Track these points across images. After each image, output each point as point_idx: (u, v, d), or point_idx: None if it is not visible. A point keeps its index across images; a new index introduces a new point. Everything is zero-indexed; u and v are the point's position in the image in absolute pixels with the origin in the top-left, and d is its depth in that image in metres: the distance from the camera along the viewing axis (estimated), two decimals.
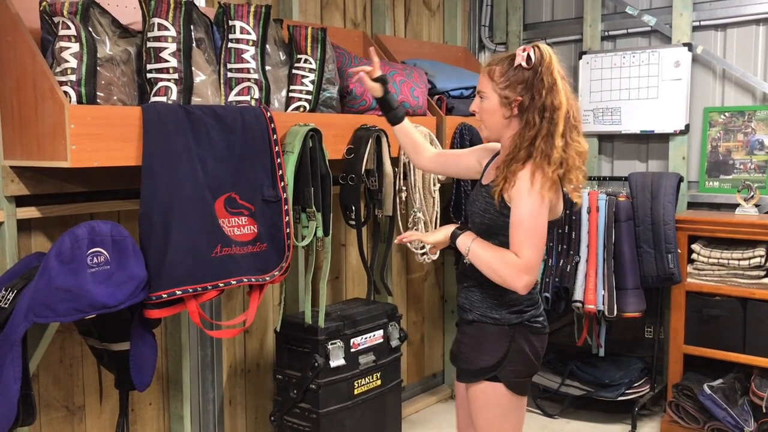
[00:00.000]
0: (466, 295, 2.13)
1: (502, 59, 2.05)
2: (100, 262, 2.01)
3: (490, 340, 2.07)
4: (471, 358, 2.10)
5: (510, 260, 1.94)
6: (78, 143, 1.98)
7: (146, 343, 2.23)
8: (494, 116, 2.05)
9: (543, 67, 1.97)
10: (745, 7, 3.60)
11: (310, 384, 2.82)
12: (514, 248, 1.94)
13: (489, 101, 2.05)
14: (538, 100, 1.96)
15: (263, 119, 2.41)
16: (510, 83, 2.00)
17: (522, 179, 1.94)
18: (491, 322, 2.07)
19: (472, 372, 2.09)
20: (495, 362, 2.04)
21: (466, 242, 2.03)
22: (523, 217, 1.93)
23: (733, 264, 3.34)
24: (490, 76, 2.04)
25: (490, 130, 2.10)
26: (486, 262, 1.99)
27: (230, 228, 2.30)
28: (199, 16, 2.37)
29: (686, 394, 3.41)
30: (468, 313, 2.13)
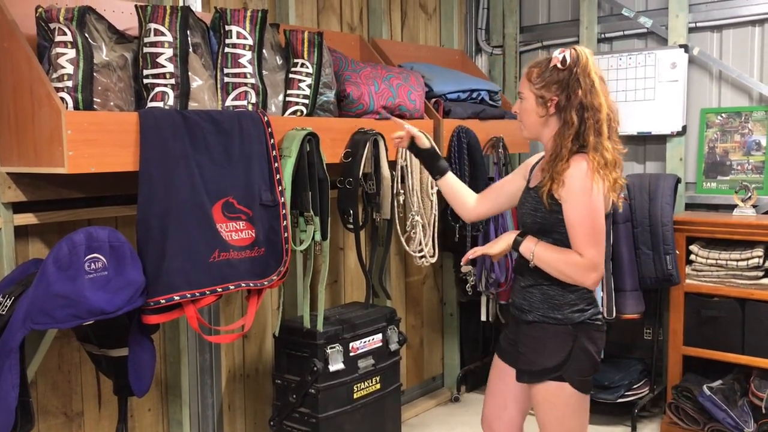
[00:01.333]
0: (524, 295, 2.17)
1: (540, 62, 2.13)
2: (97, 268, 2.00)
3: (552, 340, 2.10)
4: (534, 359, 2.12)
5: (575, 260, 2.01)
6: (75, 149, 1.98)
7: (145, 348, 2.23)
8: (531, 115, 2.13)
9: (579, 68, 2.04)
10: (740, 8, 3.61)
11: (309, 388, 2.81)
12: (577, 247, 2.01)
13: (527, 101, 2.13)
14: (575, 99, 2.02)
15: (260, 124, 2.41)
16: (545, 83, 2.07)
17: (574, 178, 1.99)
18: (553, 322, 2.10)
19: (536, 373, 2.11)
20: (559, 362, 2.07)
21: (530, 247, 2.09)
22: (581, 216, 2.00)
23: (732, 265, 3.34)
24: (528, 77, 2.12)
25: (528, 129, 2.18)
26: (552, 265, 2.06)
27: (228, 233, 2.29)
28: (195, 22, 2.37)
29: (686, 396, 3.41)
30: (527, 314, 2.15)
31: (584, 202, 1.99)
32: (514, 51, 4.36)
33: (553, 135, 2.10)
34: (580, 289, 2.10)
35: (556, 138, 2.07)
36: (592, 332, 2.11)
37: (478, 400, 4.09)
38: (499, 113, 3.70)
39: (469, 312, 4.14)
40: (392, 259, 3.83)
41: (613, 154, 2.04)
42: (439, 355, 4.25)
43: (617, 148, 2.07)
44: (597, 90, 2.04)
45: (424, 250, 3.11)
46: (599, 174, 1.99)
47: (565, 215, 2.03)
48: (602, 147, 2.01)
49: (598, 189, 1.99)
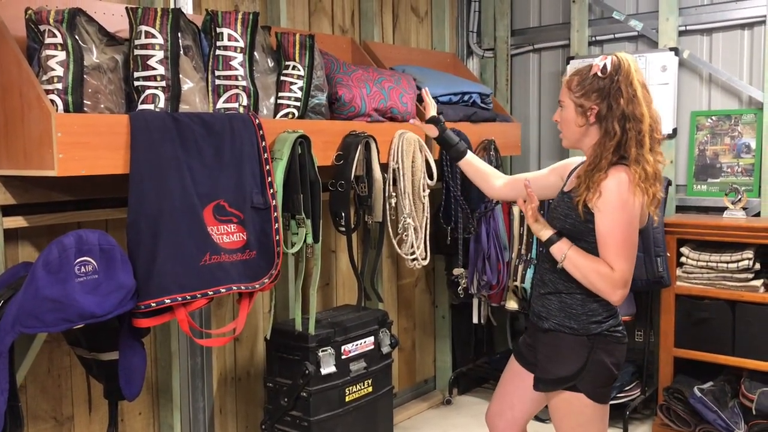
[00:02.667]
0: (543, 302, 2.16)
1: (581, 69, 2.10)
2: (87, 272, 1.99)
3: (567, 349, 2.08)
4: (549, 367, 2.12)
5: (606, 272, 1.99)
6: (65, 152, 1.97)
7: (135, 352, 2.21)
8: (571, 124, 2.11)
9: (620, 76, 2.00)
10: (730, 12, 3.63)
11: (301, 392, 2.80)
12: (608, 260, 1.99)
13: (566, 110, 2.11)
14: (617, 108, 1.99)
15: (252, 126, 2.41)
16: (585, 92, 2.05)
17: (611, 190, 1.97)
18: (569, 332, 2.09)
19: (550, 381, 2.11)
20: (574, 372, 2.06)
21: (563, 249, 2.06)
22: (615, 229, 1.97)
23: (722, 267, 3.35)
24: (568, 86, 2.10)
25: (567, 139, 2.16)
26: (582, 271, 2.03)
27: (219, 236, 2.29)
28: (186, 24, 2.37)
29: (677, 397, 3.42)
30: (544, 321, 2.15)
31: (620, 214, 1.97)
32: (505, 54, 4.37)
33: (592, 144, 2.07)
34: (599, 299, 2.08)
35: (597, 148, 2.04)
36: (611, 344, 2.09)
37: (471, 403, 4.09)
38: (490, 116, 3.71)
39: (461, 314, 4.15)
40: (384, 262, 3.83)
41: (654, 166, 2.00)
42: (431, 358, 4.25)
43: (659, 160, 2.03)
44: (639, 99, 2.00)
45: (416, 253, 3.11)
46: (640, 187, 1.97)
47: (597, 225, 2.01)
48: (644, 159, 1.97)
49: (635, 202, 1.98)
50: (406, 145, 3.04)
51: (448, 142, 2.57)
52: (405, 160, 3.04)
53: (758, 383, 3.27)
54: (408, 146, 3.04)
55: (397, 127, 3.08)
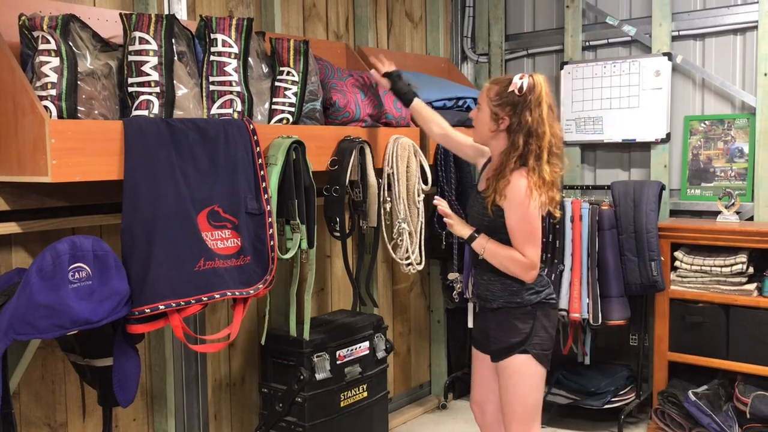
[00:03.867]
0: (487, 287, 2.48)
1: (501, 80, 2.42)
2: (81, 278, 1.99)
3: (516, 320, 2.42)
4: (501, 337, 2.43)
5: (518, 259, 2.36)
6: (59, 158, 1.97)
7: (129, 358, 2.21)
8: (483, 127, 2.44)
9: (533, 96, 2.33)
10: (722, 18, 3.65)
11: (296, 397, 2.81)
12: (518, 248, 2.36)
13: (482, 113, 2.44)
14: (524, 124, 2.32)
15: (246, 132, 2.41)
16: (501, 103, 2.37)
17: (514, 192, 2.32)
18: (515, 306, 2.42)
19: (504, 349, 2.42)
20: (524, 337, 2.39)
21: (482, 243, 2.41)
22: (520, 223, 2.34)
23: (716, 271, 3.37)
24: (488, 93, 2.42)
25: (477, 136, 2.52)
26: (498, 260, 2.40)
27: (213, 241, 2.28)
28: (180, 30, 2.37)
29: (671, 401, 3.43)
30: (491, 302, 2.47)
31: (522, 211, 2.33)
32: (499, 59, 4.38)
33: (500, 152, 2.40)
34: None
35: (503, 156, 2.37)
36: (548, 310, 2.45)
37: (466, 408, 4.09)
38: None
39: (456, 319, 4.15)
40: (379, 267, 3.83)
41: (551, 175, 2.35)
42: (426, 363, 4.25)
43: (556, 171, 2.37)
44: (544, 119, 2.33)
45: (411, 258, 3.11)
46: (537, 191, 2.31)
47: (507, 220, 2.37)
48: (540, 169, 2.33)
49: (533, 202, 2.32)
50: (400, 150, 3.05)
51: (399, 91, 2.90)
52: (399, 165, 3.04)
53: (752, 387, 3.28)
54: (402, 151, 3.05)
55: (391, 132, 3.09)
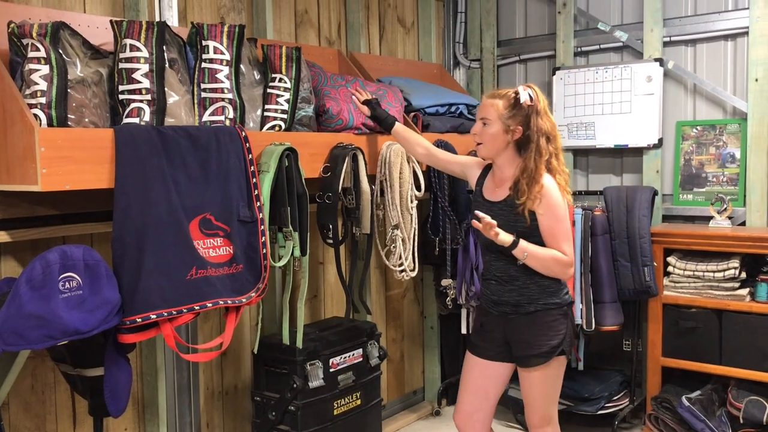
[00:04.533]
0: (521, 292, 2.49)
1: (503, 94, 2.49)
2: (72, 287, 1.97)
3: (555, 321, 2.47)
4: (540, 342, 2.45)
5: (561, 258, 2.43)
6: (48, 167, 1.95)
7: (121, 368, 2.19)
8: (496, 141, 2.48)
9: (539, 105, 2.45)
10: (713, 24, 3.67)
11: (289, 405, 2.79)
12: (558, 248, 2.42)
13: (492, 128, 2.47)
14: (543, 131, 2.42)
15: (238, 139, 2.40)
16: (513, 115, 2.44)
17: (550, 195, 2.41)
18: (554, 307, 2.48)
19: (544, 353, 2.45)
20: (561, 339, 2.46)
21: (524, 248, 2.41)
22: (558, 223, 2.43)
23: (708, 276, 3.37)
24: (495, 107, 2.47)
25: (489, 151, 2.52)
26: (542, 263, 2.43)
27: (205, 250, 2.27)
28: (171, 37, 2.36)
29: (665, 407, 3.42)
30: (526, 306, 2.48)
31: (559, 211, 2.43)
32: (491, 65, 4.39)
33: (510, 158, 2.48)
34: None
35: (529, 163, 2.42)
36: (572, 308, 2.55)
37: None
38: None
39: (450, 325, 4.14)
40: (372, 273, 3.82)
41: (566, 176, 2.50)
42: (419, 369, 4.24)
43: (566, 172, 2.52)
44: (554, 123, 2.48)
45: (404, 264, 3.10)
46: (563, 191, 2.45)
47: (542, 223, 2.42)
48: (562, 170, 2.47)
49: (564, 202, 2.45)
50: (393, 156, 3.04)
51: (379, 117, 2.96)
52: (392, 172, 3.03)
53: (745, 392, 3.28)
54: (395, 158, 3.04)
55: (384, 139, 3.08)
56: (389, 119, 2.97)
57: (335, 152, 2.82)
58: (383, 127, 2.99)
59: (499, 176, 2.54)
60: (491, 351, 2.57)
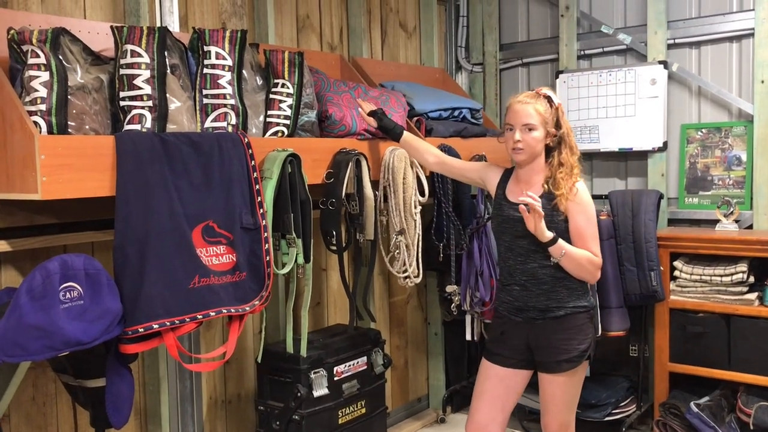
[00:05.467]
0: (549, 296, 2.46)
1: (539, 98, 2.50)
2: (73, 297, 1.94)
3: (584, 325, 2.47)
4: (570, 347, 2.44)
5: (594, 259, 2.44)
6: (49, 174, 1.92)
7: (123, 378, 2.16)
8: (539, 145, 2.49)
9: (560, 106, 2.53)
10: (718, 25, 3.64)
11: (293, 415, 2.75)
12: (589, 248, 2.43)
13: (538, 132, 2.48)
14: (568, 131, 2.50)
15: (240, 145, 2.37)
16: (550, 119, 2.50)
17: (582, 191, 2.46)
18: (584, 310, 2.48)
19: (575, 358, 2.44)
20: (590, 343, 2.47)
21: (561, 247, 2.40)
22: (590, 224, 2.45)
23: (716, 280, 3.33)
24: (537, 112, 2.48)
25: (530, 156, 2.51)
26: (577, 263, 2.42)
27: (208, 257, 2.24)
28: (173, 42, 2.33)
29: (673, 413, 3.39)
30: (557, 310, 2.46)
31: (592, 212, 2.48)
32: (494, 69, 4.36)
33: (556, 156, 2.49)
34: None
35: (564, 158, 2.46)
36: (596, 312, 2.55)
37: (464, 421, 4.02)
38: (481, 131, 3.68)
39: (454, 331, 4.10)
40: (376, 279, 3.78)
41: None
42: (424, 376, 4.20)
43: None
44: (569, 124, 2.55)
45: (408, 270, 3.07)
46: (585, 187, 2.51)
47: (575, 223, 2.44)
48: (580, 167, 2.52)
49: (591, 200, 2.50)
50: (396, 161, 3.01)
51: (387, 127, 2.94)
52: (396, 177, 3.00)
53: (755, 397, 3.24)
54: (399, 163, 3.01)
55: (387, 144, 3.05)
56: (397, 129, 2.95)
57: (338, 158, 2.78)
58: (391, 137, 2.97)
59: (526, 179, 2.54)
60: (511, 359, 2.55)
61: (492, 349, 2.61)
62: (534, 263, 2.47)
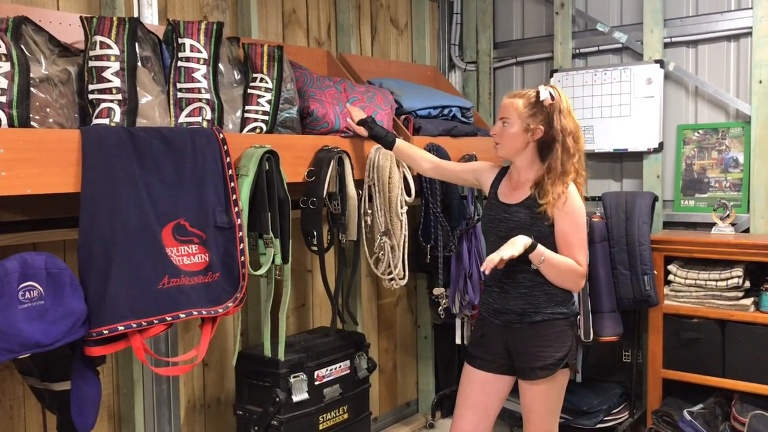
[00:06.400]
0: (526, 300, 2.39)
1: (525, 94, 2.43)
2: (33, 297, 1.87)
3: (561, 332, 2.38)
4: (546, 354, 2.36)
5: (576, 268, 2.35)
6: (8, 169, 1.84)
7: (88, 382, 2.08)
8: (515, 140, 2.41)
9: (562, 104, 2.37)
10: (716, 24, 3.55)
11: (272, 420, 2.67)
12: (572, 256, 2.34)
13: (512, 127, 2.41)
14: (568, 131, 2.35)
15: (215, 141, 2.28)
16: (533, 114, 2.38)
17: (572, 197, 2.34)
18: (562, 317, 2.39)
19: (549, 366, 2.35)
20: (567, 351, 2.37)
21: (541, 253, 2.32)
22: (577, 231, 2.35)
23: (711, 285, 3.25)
24: (514, 107, 2.40)
25: (507, 151, 2.45)
26: (557, 271, 2.34)
27: (179, 257, 2.15)
28: (144, 34, 2.25)
29: (666, 421, 3.29)
30: (533, 315, 2.38)
31: (580, 219, 2.36)
32: (488, 67, 4.28)
33: (531, 158, 2.41)
34: None
35: (556, 163, 2.34)
36: (577, 319, 2.47)
37: None
38: (471, 130, 3.60)
39: (444, 335, 4.02)
40: (363, 281, 3.70)
41: (583, 179, 2.43)
42: (413, 380, 4.11)
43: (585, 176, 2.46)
44: (578, 124, 2.40)
45: (393, 273, 2.98)
46: (580, 194, 2.38)
47: (560, 228, 2.35)
48: (580, 174, 2.40)
49: (582, 207, 2.37)
50: (382, 160, 2.93)
51: (378, 136, 2.86)
52: (381, 176, 2.92)
53: (750, 406, 3.15)
54: (384, 161, 2.92)
55: (372, 142, 2.97)
56: (389, 137, 2.87)
57: (320, 156, 2.70)
58: (383, 146, 2.90)
59: (517, 179, 2.47)
60: (492, 363, 2.48)
61: (473, 353, 2.55)
62: (515, 266, 2.39)
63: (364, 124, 2.85)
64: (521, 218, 2.40)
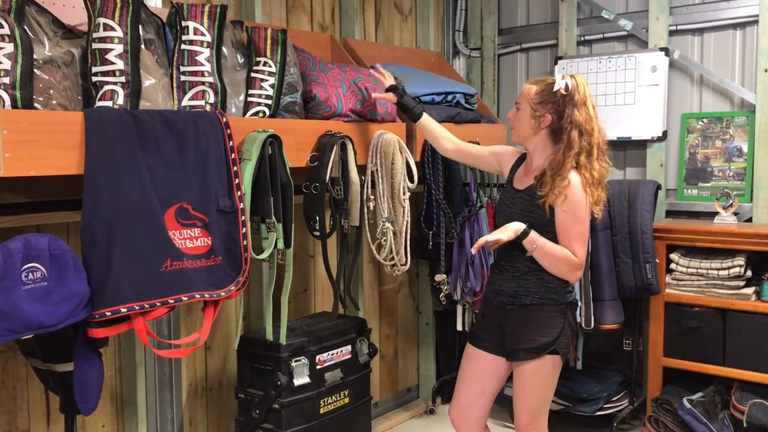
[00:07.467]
0: (518, 283, 2.43)
1: (542, 80, 2.45)
2: (36, 279, 1.87)
3: (549, 318, 2.40)
4: (532, 337, 2.38)
5: (570, 259, 2.35)
6: (12, 151, 1.84)
7: (91, 363, 2.09)
8: (524, 125, 2.45)
9: (579, 95, 2.36)
10: (722, 12, 3.53)
11: (273, 403, 2.69)
12: (569, 247, 2.35)
13: (522, 113, 2.45)
14: (575, 123, 2.34)
15: (218, 125, 2.28)
16: (542, 101, 2.39)
17: (573, 191, 2.32)
18: (551, 303, 2.40)
19: (534, 349, 2.37)
20: (554, 337, 2.38)
21: (534, 240, 2.35)
22: (575, 223, 2.34)
23: (713, 274, 3.25)
24: (527, 92, 2.44)
25: (517, 136, 2.51)
26: (549, 260, 2.37)
27: (182, 240, 2.16)
28: (148, 16, 2.24)
29: (665, 409, 3.31)
30: (523, 298, 2.42)
31: (581, 212, 2.34)
32: (492, 53, 4.26)
33: (540, 146, 2.43)
34: None
35: (558, 155, 2.35)
36: (574, 308, 2.48)
37: None
38: (474, 117, 3.59)
39: (446, 321, 4.03)
40: (365, 267, 3.71)
41: (600, 172, 2.37)
42: (414, 366, 4.13)
43: (604, 167, 2.40)
44: (592, 116, 2.37)
45: (395, 259, 2.99)
46: (589, 189, 2.34)
47: (559, 219, 2.35)
48: (591, 167, 2.35)
49: (587, 201, 2.35)
50: (385, 146, 2.92)
51: (406, 106, 2.86)
52: (384, 162, 2.92)
53: (749, 394, 3.16)
54: (387, 147, 2.92)
55: (376, 128, 2.97)
56: (417, 109, 2.85)
57: (323, 140, 2.70)
58: (409, 117, 2.88)
59: (530, 166, 2.49)
60: (490, 343, 2.52)
61: (475, 331, 2.62)
62: (515, 249, 2.43)
63: (394, 91, 2.85)
64: (523, 204, 2.43)
